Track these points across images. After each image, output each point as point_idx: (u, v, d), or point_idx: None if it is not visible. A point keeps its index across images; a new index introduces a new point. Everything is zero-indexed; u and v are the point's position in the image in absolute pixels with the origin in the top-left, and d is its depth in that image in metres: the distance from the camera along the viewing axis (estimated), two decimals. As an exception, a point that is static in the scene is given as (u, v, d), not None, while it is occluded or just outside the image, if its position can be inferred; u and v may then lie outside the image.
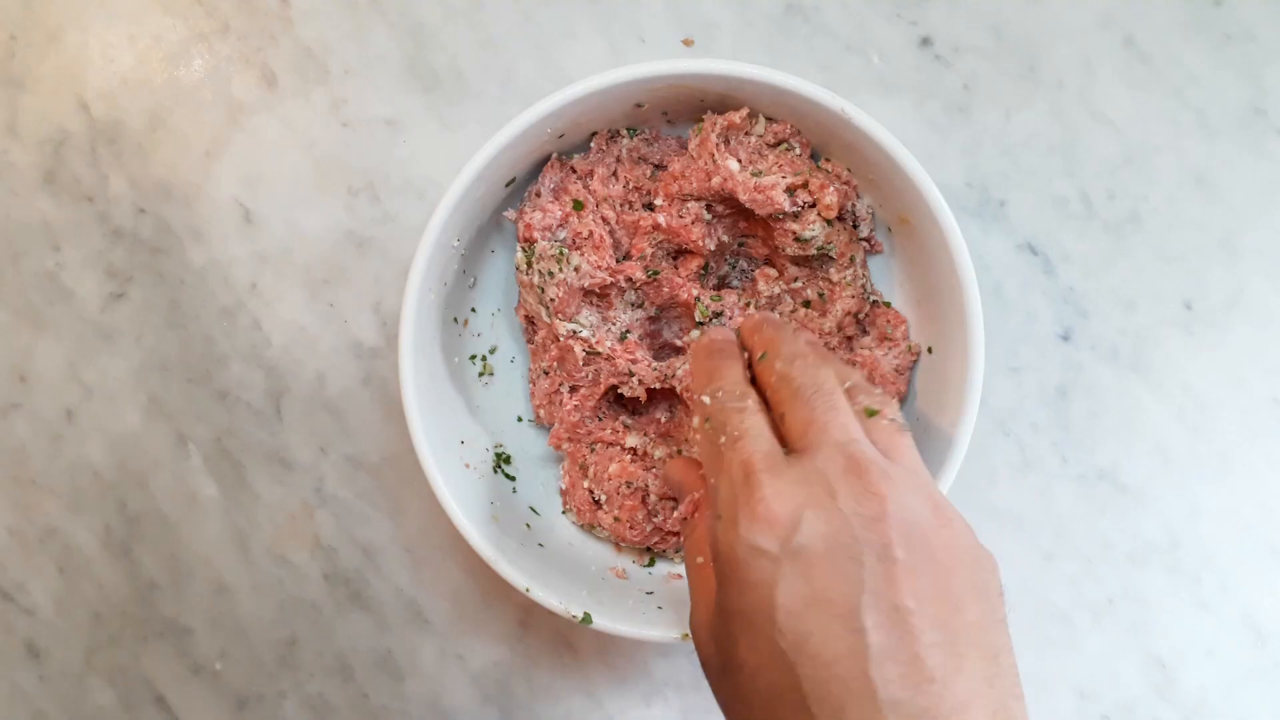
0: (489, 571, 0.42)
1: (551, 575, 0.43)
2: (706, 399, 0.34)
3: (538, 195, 0.45)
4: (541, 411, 0.47)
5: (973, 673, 0.28)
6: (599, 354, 0.45)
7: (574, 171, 0.45)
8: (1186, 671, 0.48)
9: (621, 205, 0.45)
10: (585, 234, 0.44)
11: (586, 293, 0.45)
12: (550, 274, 0.43)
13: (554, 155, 0.45)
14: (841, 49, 0.49)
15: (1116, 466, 0.49)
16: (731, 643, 0.30)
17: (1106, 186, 0.49)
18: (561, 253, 0.43)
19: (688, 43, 0.49)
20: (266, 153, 0.50)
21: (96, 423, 0.51)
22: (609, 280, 0.44)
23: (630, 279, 0.45)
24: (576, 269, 0.43)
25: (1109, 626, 0.48)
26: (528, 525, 0.45)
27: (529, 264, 0.44)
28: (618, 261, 0.45)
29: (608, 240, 0.44)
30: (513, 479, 0.46)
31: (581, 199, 0.44)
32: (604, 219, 0.44)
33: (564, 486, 0.47)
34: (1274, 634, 0.48)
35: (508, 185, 0.44)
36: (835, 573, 0.28)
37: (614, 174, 0.45)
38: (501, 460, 0.46)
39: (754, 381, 0.35)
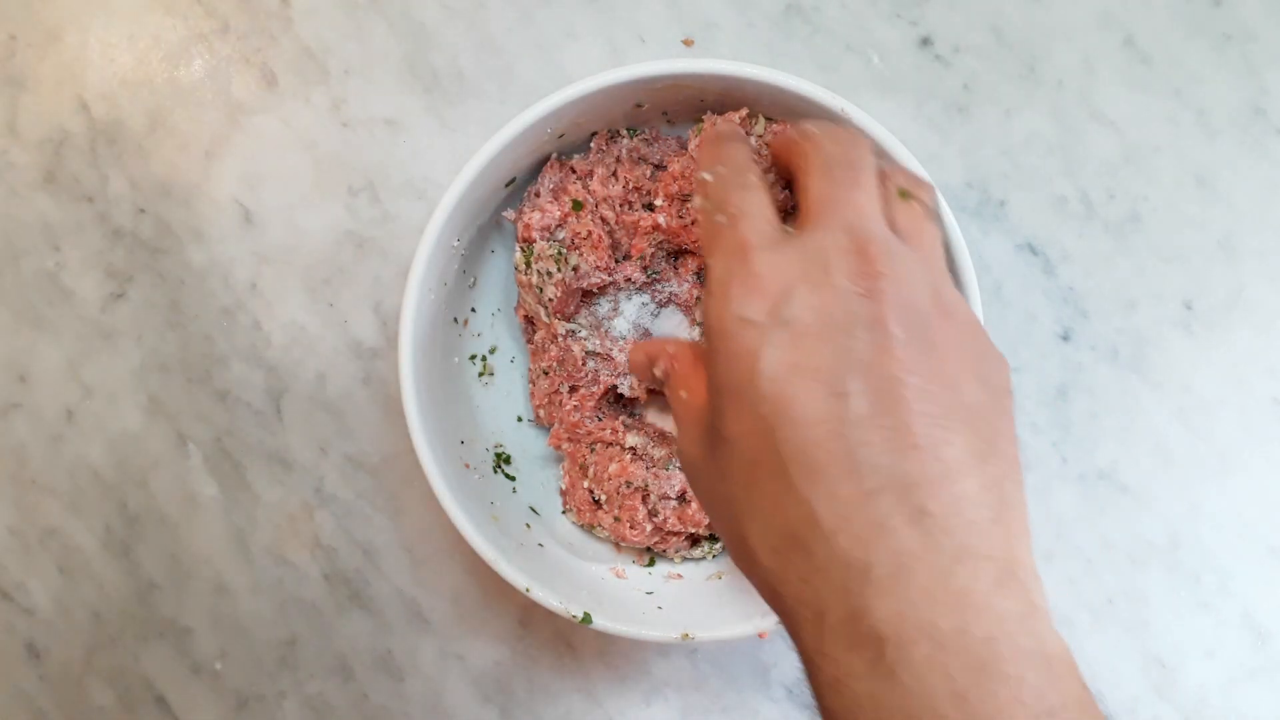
0: (489, 571, 0.42)
1: (551, 575, 0.43)
2: (708, 175, 0.32)
3: (537, 195, 0.45)
4: (541, 411, 0.46)
5: (964, 446, 0.26)
6: (598, 354, 0.45)
7: (573, 172, 0.45)
8: (1186, 671, 0.48)
9: (621, 205, 0.45)
10: (584, 234, 0.44)
11: (585, 293, 0.45)
12: (549, 274, 0.43)
13: (553, 155, 0.45)
14: (841, 49, 0.49)
15: (1116, 466, 0.49)
16: (720, 418, 0.29)
17: (1106, 186, 0.49)
18: (560, 253, 0.43)
19: (688, 43, 0.49)
20: (266, 153, 0.50)
21: (96, 423, 0.51)
22: (608, 280, 0.44)
23: (629, 279, 0.45)
24: (575, 269, 0.43)
25: (1109, 626, 0.48)
26: (528, 525, 0.45)
27: (527, 264, 0.44)
28: (617, 261, 0.45)
29: (606, 240, 0.44)
30: (513, 479, 0.46)
31: (581, 199, 0.44)
32: (603, 219, 0.44)
33: (564, 486, 0.47)
34: (1274, 634, 0.48)
35: (508, 185, 0.44)
36: (823, 342, 0.27)
37: (614, 174, 0.45)
38: (501, 460, 0.46)
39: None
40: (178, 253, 0.50)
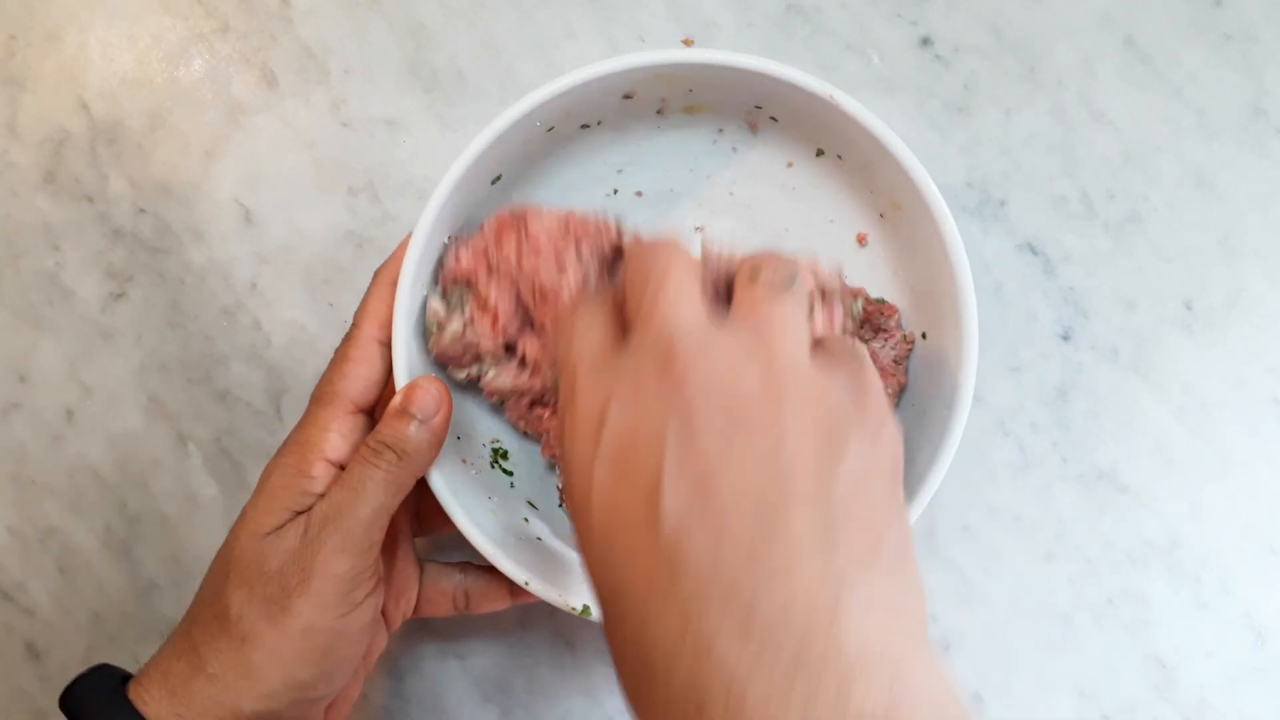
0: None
1: (550, 569, 0.43)
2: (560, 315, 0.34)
3: (479, 231, 0.42)
4: (521, 423, 0.46)
5: (792, 539, 0.24)
6: (510, 391, 0.43)
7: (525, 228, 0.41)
8: (1186, 671, 0.48)
9: (540, 295, 0.41)
10: (501, 297, 0.41)
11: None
12: (429, 330, 0.41)
13: (515, 205, 0.42)
14: (841, 49, 0.49)
15: (1116, 466, 0.49)
16: (580, 548, 0.28)
17: (1106, 186, 0.49)
18: (436, 324, 0.41)
19: (688, 42, 0.49)
20: (266, 153, 0.50)
21: (96, 423, 0.51)
22: (499, 347, 0.42)
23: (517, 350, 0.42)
24: (459, 337, 0.41)
25: (1109, 626, 0.48)
26: (526, 519, 0.45)
27: (424, 307, 0.42)
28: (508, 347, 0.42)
29: (507, 321, 0.41)
30: (510, 474, 0.46)
31: (502, 266, 0.40)
32: (521, 293, 0.41)
33: (560, 484, 0.46)
34: (1274, 634, 0.48)
35: (494, 183, 0.44)
36: (640, 451, 0.26)
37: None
38: (499, 455, 0.46)
39: None
40: (178, 253, 0.50)
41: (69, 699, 0.38)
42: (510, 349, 0.42)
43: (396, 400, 0.39)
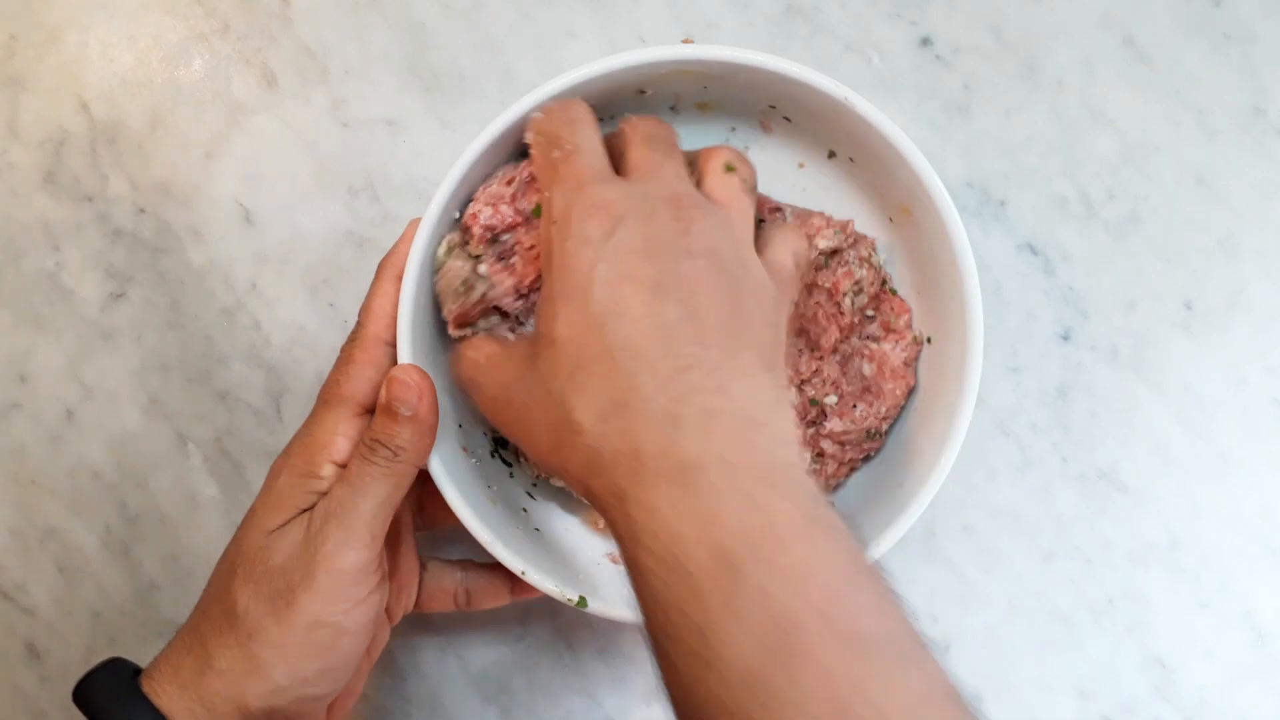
0: (489, 571, 0.42)
1: (547, 560, 0.42)
2: (539, 114, 0.38)
3: (508, 184, 0.41)
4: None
5: (752, 359, 0.34)
6: None
7: None
8: (1186, 671, 0.48)
9: None
10: (527, 245, 0.40)
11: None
12: (455, 292, 0.40)
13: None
14: (841, 49, 0.49)
15: (1116, 466, 0.49)
16: (551, 325, 0.34)
17: (1106, 186, 0.49)
18: (464, 284, 0.40)
19: (688, 43, 0.49)
20: (266, 153, 0.50)
21: (96, 423, 0.51)
22: (517, 307, 0.41)
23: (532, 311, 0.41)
24: (483, 296, 0.40)
25: (1109, 626, 0.48)
26: (524, 510, 0.45)
27: (440, 266, 0.41)
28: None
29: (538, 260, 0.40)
30: (510, 465, 0.46)
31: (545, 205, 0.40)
32: None
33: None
34: (1274, 634, 0.48)
35: None
36: (646, 261, 0.34)
37: None
38: (499, 444, 0.46)
39: None
40: (178, 253, 0.50)
41: (83, 692, 0.38)
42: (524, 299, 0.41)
43: (382, 395, 0.39)
